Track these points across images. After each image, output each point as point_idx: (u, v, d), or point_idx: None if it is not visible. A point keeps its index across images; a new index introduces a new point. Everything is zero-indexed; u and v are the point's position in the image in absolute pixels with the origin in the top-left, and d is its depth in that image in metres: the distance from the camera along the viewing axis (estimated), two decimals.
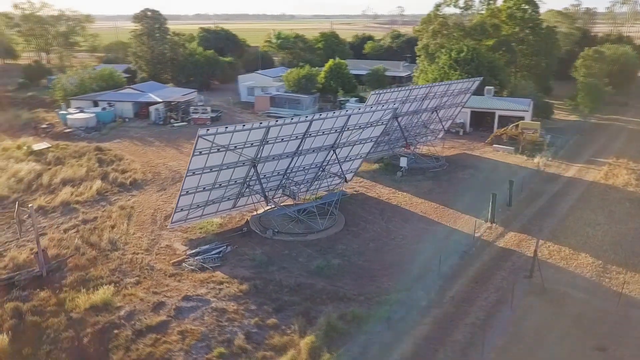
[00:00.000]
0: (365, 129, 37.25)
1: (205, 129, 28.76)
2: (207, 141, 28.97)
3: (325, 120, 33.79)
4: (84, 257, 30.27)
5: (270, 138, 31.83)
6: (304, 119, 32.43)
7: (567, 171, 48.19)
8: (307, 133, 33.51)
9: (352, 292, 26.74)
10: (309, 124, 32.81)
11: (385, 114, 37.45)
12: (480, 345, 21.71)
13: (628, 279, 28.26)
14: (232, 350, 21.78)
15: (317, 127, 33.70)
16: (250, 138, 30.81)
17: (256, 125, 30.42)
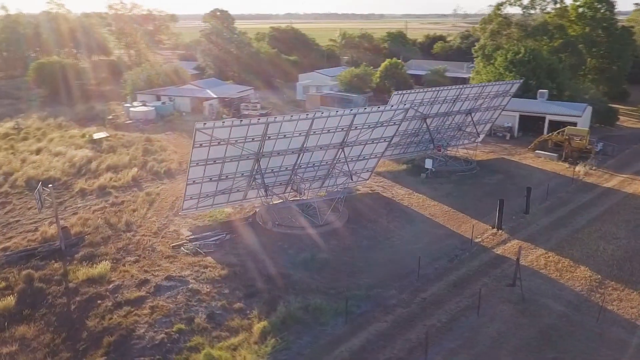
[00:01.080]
0: (375, 128, 37.63)
1: (203, 122, 30.79)
2: (206, 134, 30.98)
3: (328, 119, 34.71)
4: (99, 235, 33.42)
5: (271, 134, 33.30)
6: (304, 117, 33.59)
7: (608, 181, 45.41)
8: (311, 130, 34.59)
9: (325, 285, 27.58)
10: (311, 121, 33.89)
11: (396, 114, 37.61)
12: (426, 346, 21.79)
13: (622, 297, 26.78)
14: (191, 327, 23.51)
15: (321, 125, 34.68)
16: (250, 133, 32.45)
17: (254, 121, 32.03)
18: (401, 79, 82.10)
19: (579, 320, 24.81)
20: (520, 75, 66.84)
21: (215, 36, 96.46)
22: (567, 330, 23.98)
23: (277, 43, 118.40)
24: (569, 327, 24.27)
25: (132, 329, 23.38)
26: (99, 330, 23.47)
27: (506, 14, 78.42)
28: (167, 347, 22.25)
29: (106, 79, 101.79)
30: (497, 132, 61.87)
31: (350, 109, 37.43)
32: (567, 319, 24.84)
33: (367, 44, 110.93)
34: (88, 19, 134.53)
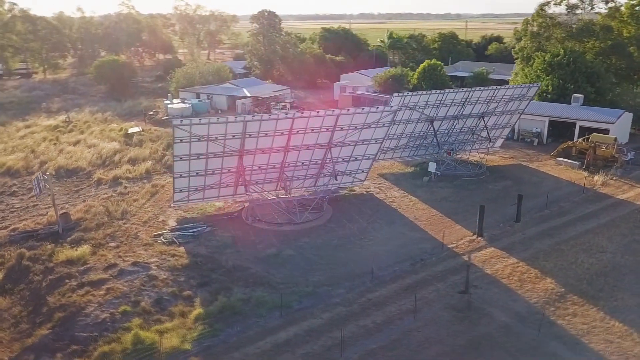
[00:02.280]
0: (363, 129, 37.92)
1: (180, 119, 32.56)
2: (184, 131, 32.77)
3: (310, 119, 35.49)
4: (95, 222, 36.18)
5: (252, 132, 34.57)
6: (283, 116, 34.59)
7: (624, 193, 42.83)
8: (293, 130, 35.52)
9: (278, 280, 28.48)
10: (291, 121, 34.84)
11: (383, 115, 37.69)
12: (341, 345, 22.21)
13: (579, 312, 25.69)
14: (136, 310, 25.27)
15: (303, 124, 35.51)
16: (229, 130, 33.91)
17: (231, 119, 33.45)
18: (439, 80, 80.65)
19: (518, 332, 24.14)
20: (557, 79, 64.17)
21: (262, 37, 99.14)
22: (500, 341, 23.44)
23: (327, 43, 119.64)
24: (504, 338, 23.69)
25: (83, 307, 25.50)
26: (57, 306, 25.78)
27: (552, 14, 74.96)
28: (107, 325, 24.11)
29: (161, 76, 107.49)
30: (525, 137, 59.72)
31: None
32: (506, 330, 24.23)
33: (415, 45, 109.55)
34: (153, 20, 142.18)
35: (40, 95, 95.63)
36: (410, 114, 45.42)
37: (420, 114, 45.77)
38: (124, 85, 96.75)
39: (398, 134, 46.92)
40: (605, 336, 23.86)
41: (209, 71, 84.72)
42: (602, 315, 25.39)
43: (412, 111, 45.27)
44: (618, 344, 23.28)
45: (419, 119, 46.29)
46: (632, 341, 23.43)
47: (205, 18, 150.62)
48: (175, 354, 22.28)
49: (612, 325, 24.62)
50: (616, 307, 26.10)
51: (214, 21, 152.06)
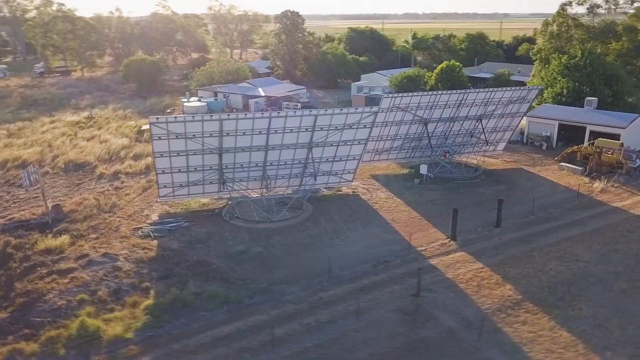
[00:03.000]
0: (343, 130, 38.09)
1: (156, 117, 33.75)
2: (160, 128, 33.89)
3: (287, 118, 35.99)
4: (83, 214, 37.86)
5: (229, 130, 35.36)
6: (259, 116, 35.23)
7: (622, 200, 41.27)
8: (271, 129, 36.10)
9: (237, 276, 29.12)
10: (268, 120, 35.43)
11: (364, 116, 37.74)
12: (272, 342, 22.64)
13: (529, 320, 25.18)
14: (92, 298, 26.45)
15: (280, 124, 36.04)
16: (206, 129, 34.82)
17: (207, 117, 34.35)
18: (457, 82, 79.38)
19: (460, 337, 23.89)
20: (573, 81, 62.26)
21: (284, 36, 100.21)
22: (438, 346, 23.29)
23: (353, 44, 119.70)
24: (443, 342, 23.51)
25: (45, 294, 26.89)
26: (22, 292, 27.28)
27: (575, 14, 72.62)
28: (62, 312, 25.37)
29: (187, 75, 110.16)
30: (534, 141, 58.24)
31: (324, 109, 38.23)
32: (448, 335, 24.02)
33: (440, 46, 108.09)
34: (187, 20, 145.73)
35: (73, 93, 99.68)
36: (402, 115, 45.15)
37: (413, 115, 45.43)
38: (151, 83, 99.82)
39: (392, 135, 46.74)
40: (549, 346, 23.31)
41: (228, 70, 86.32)
42: (553, 325, 24.79)
43: (404, 112, 44.97)
44: (560, 354, 22.72)
45: (412, 121, 45.96)
46: (575, 352, 22.81)
47: (238, 18, 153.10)
48: (116, 341, 23.24)
49: (559, 335, 24.02)
50: (570, 316, 25.41)
51: (247, 21, 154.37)
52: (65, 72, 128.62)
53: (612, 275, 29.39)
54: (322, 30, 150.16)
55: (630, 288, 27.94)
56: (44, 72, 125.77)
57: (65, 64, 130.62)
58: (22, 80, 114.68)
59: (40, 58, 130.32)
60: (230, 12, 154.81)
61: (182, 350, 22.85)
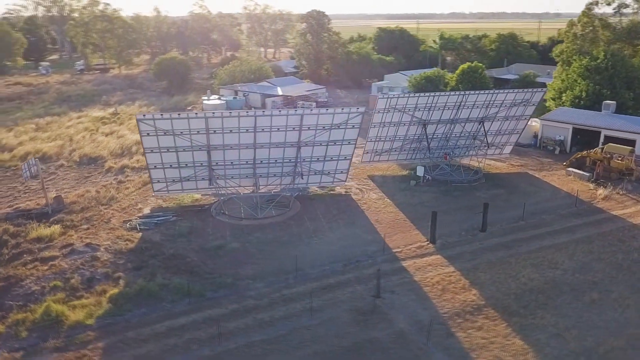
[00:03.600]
0: (332, 130, 38.32)
1: (143, 114, 34.94)
2: (148, 125, 35.10)
3: (273, 117, 36.55)
4: (81, 205, 39.63)
5: (216, 128, 36.23)
6: (244, 114, 35.94)
7: (624, 208, 39.76)
8: (258, 128, 36.75)
9: (207, 270, 29.90)
10: (254, 119, 36.10)
11: (351, 116, 37.85)
12: (219, 336, 23.25)
13: (486, 326, 24.84)
14: (65, 285, 27.78)
15: (267, 123, 36.65)
16: (193, 126, 35.80)
17: (192, 115, 35.33)
18: (478, 83, 77.93)
19: (410, 339, 23.81)
20: (593, 84, 60.21)
21: (310, 36, 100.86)
22: (385, 347, 23.29)
23: (381, 43, 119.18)
24: (391, 344, 23.50)
25: (23, 279, 28.42)
26: (4, 276, 28.91)
27: (602, 15, 69.95)
28: (34, 297, 26.79)
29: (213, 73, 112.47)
30: (548, 145, 56.65)
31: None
32: (398, 337, 23.98)
33: (469, 46, 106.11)
34: (222, 19, 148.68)
35: (106, 89, 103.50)
36: (399, 116, 44.92)
37: (411, 116, 45.12)
38: (181, 81, 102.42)
39: (390, 136, 46.53)
40: (499, 353, 22.93)
41: (250, 69, 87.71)
42: (508, 332, 24.34)
43: (401, 113, 44.72)
44: None
45: (410, 122, 45.64)
46: None
47: (272, 17, 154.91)
48: (76, 327, 24.39)
49: (512, 343, 23.57)
50: (529, 324, 24.86)
51: (281, 20, 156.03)
52: (103, 70, 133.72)
53: (588, 284, 28.50)
54: (367, 30, 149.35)
55: (602, 299, 27.04)
56: (84, 70, 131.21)
57: (103, 61, 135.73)
58: (62, 76, 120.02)
59: (81, 56, 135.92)
60: (265, 12, 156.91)
61: (135, 339, 23.75)
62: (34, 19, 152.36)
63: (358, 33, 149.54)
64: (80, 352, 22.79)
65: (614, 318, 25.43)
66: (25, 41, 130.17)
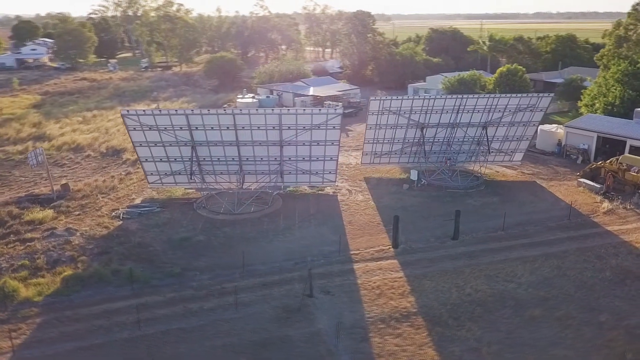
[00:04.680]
0: (312, 130, 38.69)
1: (126, 109, 37.10)
2: (133, 120, 37.22)
3: (251, 116, 37.52)
4: (83, 193, 42.64)
5: (197, 125, 37.75)
6: (222, 112, 37.20)
7: (623, 224, 37.10)
8: (238, 125, 37.87)
9: (164, 260, 31.38)
10: (232, 117, 37.26)
11: (329, 117, 38.02)
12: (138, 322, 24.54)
13: (405, 334, 24.44)
14: (31, 265, 30.25)
15: (246, 121, 37.67)
16: (175, 122, 37.52)
17: (172, 111, 37.05)
18: (517, 86, 74.76)
19: (323, 340, 23.90)
20: (631, 90, 56.28)
21: (354, 37, 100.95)
22: (295, 345, 23.55)
23: (432, 44, 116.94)
24: (302, 343, 23.72)
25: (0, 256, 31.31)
26: None
27: None
28: (1, 273, 29.42)
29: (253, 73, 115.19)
30: (571, 153, 53.63)
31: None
32: (312, 337, 24.13)
33: (521, 48, 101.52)
34: (280, 19, 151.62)
35: (161, 86, 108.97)
36: (395, 118, 44.41)
37: (408, 119, 44.45)
38: (231, 79, 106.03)
39: (389, 139, 46.06)
40: None
41: (288, 69, 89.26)
42: (426, 342, 23.79)
43: (397, 116, 44.19)
44: None
45: (408, 125, 44.97)
46: None
47: (331, 17, 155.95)
48: (24, 303, 26.62)
49: (424, 353, 23.05)
50: (451, 336, 24.13)
51: (339, 20, 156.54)
52: (166, 67, 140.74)
53: (537, 300, 27.10)
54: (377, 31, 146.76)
55: (543, 316, 25.66)
56: (149, 67, 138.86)
57: (166, 59, 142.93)
58: (126, 73, 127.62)
59: (146, 54, 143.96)
60: (325, 12, 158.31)
61: (70, 317, 25.58)
62: (108, 19, 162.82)
63: (416, 33, 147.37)
64: (17, 325, 24.88)
65: (547, 337, 24.09)
66: (96, 39, 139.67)
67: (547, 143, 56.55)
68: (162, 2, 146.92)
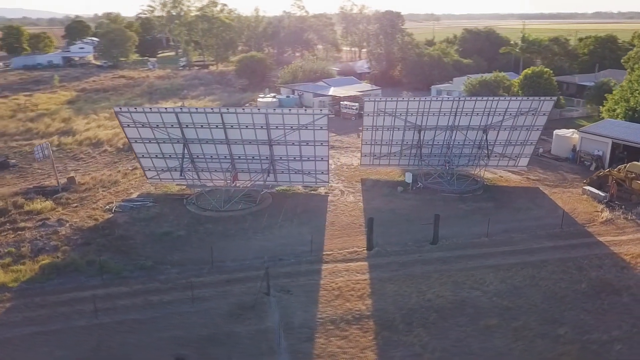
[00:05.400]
0: (301, 130, 38.91)
1: (119, 107, 38.45)
2: (126, 117, 38.56)
3: (238, 115, 38.15)
4: (84, 186, 44.52)
5: (187, 123, 38.72)
6: (209, 110, 38.00)
7: (618, 235, 35.44)
8: (227, 124, 38.58)
9: (141, 253, 32.42)
10: (219, 115, 38.00)
11: (316, 118, 38.13)
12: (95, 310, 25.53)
13: (351, 337, 24.35)
14: (17, 251, 31.94)
15: (233, 120, 38.34)
16: (166, 120, 38.62)
17: (162, 109, 38.13)
18: (542, 89, 72.31)
19: (266, 338, 24.12)
20: None
21: (381, 37, 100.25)
22: (238, 341, 23.89)
23: (465, 45, 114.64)
24: (245, 339, 24.02)
25: None
26: None
27: None
28: None
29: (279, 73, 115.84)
30: (585, 160, 51.57)
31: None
32: (257, 334, 24.41)
33: (556, 49, 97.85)
34: (317, 19, 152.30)
35: (193, 84, 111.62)
36: (391, 120, 44.03)
37: (404, 121, 43.97)
38: (258, 79, 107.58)
39: (386, 140, 45.70)
40: None
41: (311, 69, 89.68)
42: (370, 345, 23.64)
43: (393, 117, 43.81)
44: None
45: (405, 127, 44.47)
46: None
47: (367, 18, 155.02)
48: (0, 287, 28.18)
49: (365, 356, 22.90)
50: (397, 341, 23.85)
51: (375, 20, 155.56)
52: (203, 66, 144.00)
53: (498, 310, 26.37)
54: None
55: (499, 326, 24.95)
56: (186, 66, 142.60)
57: (203, 58, 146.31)
58: (164, 72, 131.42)
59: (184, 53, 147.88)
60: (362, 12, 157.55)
61: (38, 303, 26.88)
62: (153, 19, 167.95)
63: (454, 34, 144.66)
64: None
65: (495, 347, 23.44)
66: (137, 39, 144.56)
67: (562, 148, 54.56)
68: (207, 2, 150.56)
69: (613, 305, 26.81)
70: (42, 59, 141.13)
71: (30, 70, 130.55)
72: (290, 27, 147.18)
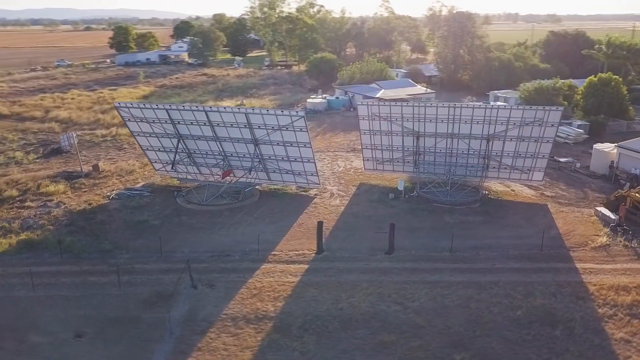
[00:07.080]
0: (282, 131, 39.44)
1: (119, 102, 41.53)
2: (125, 112, 41.61)
3: (222, 113, 39.57)
4: (103, 173, 48.64)
5: (179, 119, 40.90)
6: (195, 108, 39.83)
7: (605, 264, 31.85)
8: (214, 122, 40.22)
9: (109, 237, 35.01)
10: (204, 113, 39.71)
11: (293, 119, 38.39)
12: (32, 285, 28.20)
13: (242, 335, 24.71)
14: (8, 226, 35.96)
15: (218, 118, 39.82)
16: (159, 115, 41.09)
17: (154, 105, 40.62)
18: (607, 98, 66.00)
19: (165, 327, 25.21)
20: None
21: (450, 40, 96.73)
22: (136, 326, 25.20)
23: (550, 49, 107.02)
24: (145, 326, 25.25)
25: None
26: None
27: None
28: None
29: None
30: (621, 178, 46.57)
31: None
32: (158, 322, 25.48)
33: None
34: (399, 21, 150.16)
35: (267, 84, 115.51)
36: (388, 125, 43.01)
37: (401, 126, 42.71)
38: (327, 79, 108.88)
39: (385, 145, 44.73)
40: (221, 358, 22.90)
41: (369, 71, 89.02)
42: (252, 345, 23.79)
43: (389, 122, 42.78)
44: None
45: (402, 132, 43.19)
46: None
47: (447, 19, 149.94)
48: None
49: (242, 355, 23.14)
50: (283, 345, 23.73)
51: None
52: (286, 66, 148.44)
53: (407, 327, 25.15)
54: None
55: (396, 343, 23.87)
56: (270, 66, 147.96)
57: (286, 58, 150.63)
58: (245, 71, 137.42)
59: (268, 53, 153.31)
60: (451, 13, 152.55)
61: None
62: (245, 20, 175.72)
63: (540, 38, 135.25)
64: None
65: None
66: (224, 39, 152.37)
67: (600, 164, 49.55)
68: (304, 4, 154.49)
69: (538, 337, 24.37)
70: (142, 56, 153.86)
71: (130, 66, 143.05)
72: (374, 29, 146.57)
